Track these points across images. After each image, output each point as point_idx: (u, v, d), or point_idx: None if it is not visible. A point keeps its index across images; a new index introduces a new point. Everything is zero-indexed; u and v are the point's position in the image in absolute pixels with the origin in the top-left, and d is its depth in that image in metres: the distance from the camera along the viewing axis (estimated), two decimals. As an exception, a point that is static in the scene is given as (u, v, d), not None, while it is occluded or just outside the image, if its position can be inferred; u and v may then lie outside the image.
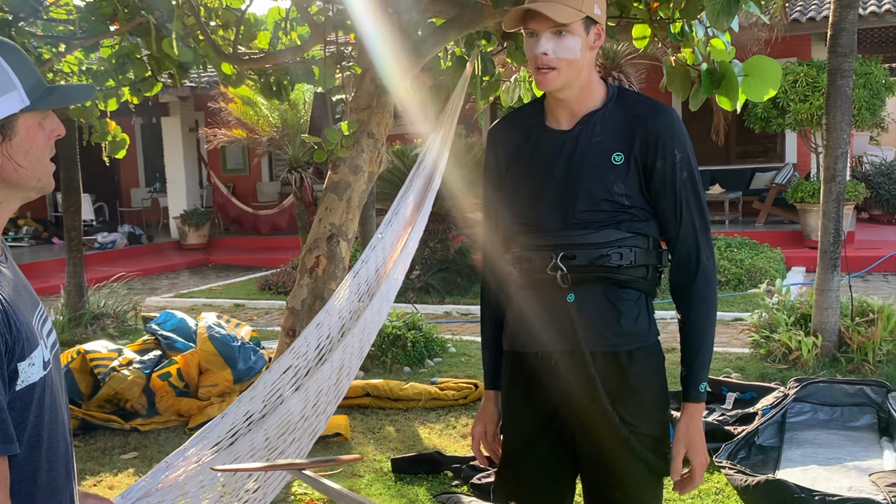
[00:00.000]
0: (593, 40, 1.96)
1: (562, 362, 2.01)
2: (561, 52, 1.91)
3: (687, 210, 1.99)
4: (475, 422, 2.23)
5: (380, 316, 3.05)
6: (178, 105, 15.53)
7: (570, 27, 1.90)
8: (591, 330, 1.97)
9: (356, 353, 2.85)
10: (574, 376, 1.99)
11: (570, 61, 1.92)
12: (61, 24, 5.02)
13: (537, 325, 2.02)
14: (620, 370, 1.99)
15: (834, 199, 5.82)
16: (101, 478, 4.49)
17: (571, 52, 1.91)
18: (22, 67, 1.37)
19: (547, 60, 1.91)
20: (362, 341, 2.91)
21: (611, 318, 1.98)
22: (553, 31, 1.90)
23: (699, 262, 2.00)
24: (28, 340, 1.33)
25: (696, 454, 2.01)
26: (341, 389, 2.89)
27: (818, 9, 11.61)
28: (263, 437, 2.47)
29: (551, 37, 1.91)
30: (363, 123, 3.83)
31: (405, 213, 3.25)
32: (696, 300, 2.01)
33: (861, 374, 5.43)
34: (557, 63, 1.92)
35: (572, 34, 1.91)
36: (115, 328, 8.08)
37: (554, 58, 1.91)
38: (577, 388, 1.99)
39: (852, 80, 5.83)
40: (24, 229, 15.88)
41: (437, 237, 10.06)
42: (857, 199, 11.18)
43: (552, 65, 1.92)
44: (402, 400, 5.43)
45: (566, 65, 1.92)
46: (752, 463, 4.19)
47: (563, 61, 1.92)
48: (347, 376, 2.87)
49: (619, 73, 11.05)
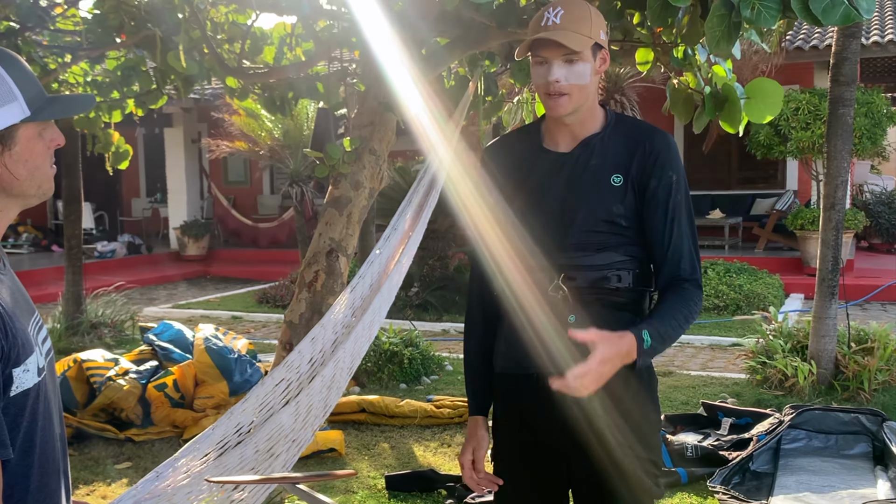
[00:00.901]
0: (599, 64, 2.00)
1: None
2: (573, 78, 1.94)
3: (678, 231, 1.99)
4: (463, 449, 2.18)
5: (371, 331, 3.05)
6: (181, 116, 15.59)
7: (581, 54, 1.93)
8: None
9: (346, 368, 2.85)
10: (570, 397, 1.99)
11: (581, 87, 1.96)
12: (68, 35, 5.06)
13: (535, 347, 2.03)
14: (615, 392, 1.99)
15: (833, 227, 5.84)
16: (94, 487, 4.48)
17: (582, 78, 1.95)
18: (23, 78, 1.38)
19: (559, 87, 1.94)
20: (353, 356, 2.91)
21: None
22: (564, 59, 1.94)
23: (685, 282, 1.99)
24: (24, 347, 1.34)
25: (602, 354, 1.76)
26: (329, 403, 2.89)
27: (821, 37, 11.68)
28: (253, 449, 2.47)
29: (563, 64, 1.94)
30: (365, 140, 3.85)
31: (403, 229, 3.26)
32: (673, 292, 1.96)
33: (857, 403, 5.43)
34: (569, 89, 1.95)
35: (583, 61, 1.94)
36: (113, 338, 8.07)
37: (566, 84, 1.94)
38: (573, 409, 1.99)
39: (853, 109, 5.86)
40: (23, 236, 15.89)
41: (435, 255, 10.07)
42: (856, 227, 11.21)
43: (564, 91, 1.95)
44: (397, 417, 5.43)
45: (577, 90, 1.96)
46: (746, 489, 4.18)
47: (575, 87, 1.95)
48: (337, 391, 2.87)
49: (621, 97, 11.10)
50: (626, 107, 11.12)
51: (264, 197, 16.85)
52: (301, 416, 2.61)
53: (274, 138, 11.17)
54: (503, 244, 2.10)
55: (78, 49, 4.80)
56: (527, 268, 2.04)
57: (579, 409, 1.99)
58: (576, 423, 2.00)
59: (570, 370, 1.76)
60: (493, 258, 2.13)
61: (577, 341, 1.85)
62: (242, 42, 4.45)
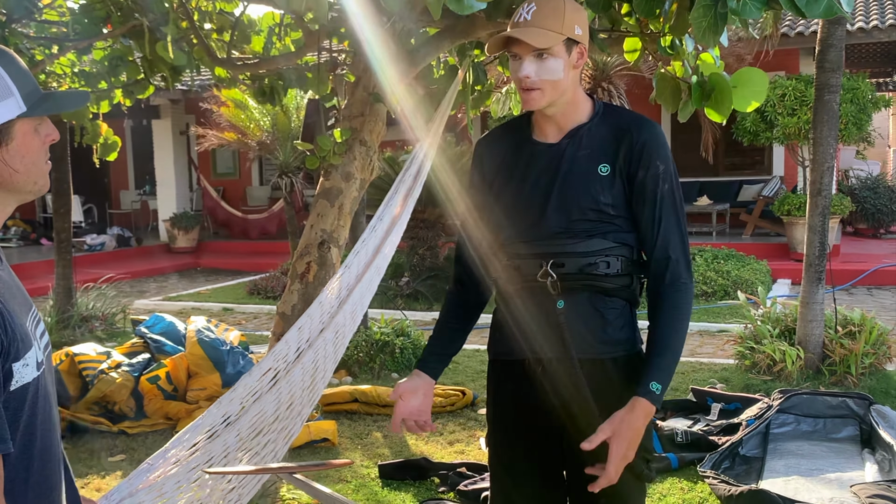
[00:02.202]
0: (576, 59, 2.02)
1: (549, 369, 2.05)
2: (543, 73, 1.97)
3: (666, 220, 2.02)
4: (396, 389, 2.17)
5: (353, 319, 3.07)
6: (169, 108, 15.53)
7: (551, 50, 1.95)
8: (578, 337, 2.02)
9: (330, 356, 2.87)
10: (561, 383, 2.03)
11: (553, 82, 1.98)
12: (54, 26, 5.03)
13: (525, 333, 2.06)
14: (606, 378, 2.03)
15: (820, 213, 5.88)
16: (88, 480, 4.49)
17: (554, 74, 1.97)
18: (18, 74, 1.40)
19: (530, 83, 1.97)
20: (336, 344, 2.93)
21: (597, 326, 2.03)
22: (535, 55, 1.96)
23: (676, 272, 2.02)
24: (23, 341, 1.35)
25: (618, 443, 1.90)
26: (316, 392, 2.91)
27: (807, 24, 11.72)
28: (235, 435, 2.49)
29: (533, 59, 1.96)
30: (356, 131, 3.86)
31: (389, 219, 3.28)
32: (666, 307, 2.00)
33: (844, 387, 5.48)
34: (541, 84, 1.98)
35: (554, 56, 1.96)
36: (104, 331, 8.07)
37: (537, 79, 1.97)
38: (565, 395, 2.03)
39: (839, 95, 5.89)
40: (12, 230, 15.82)
41: (426, 244, 10.08)
42: (842, 212, 11.29)
43: (535, 86, 1.98)
44: (389, 406, 5.45)
45: (549, 86, 1.98)
46: (736, 473, 4.23)
47: (547, 82, 1.97)
48: (322, 379, 2.89)
49: (608, 85, 11.11)
50: (614, 95, 11.12)
51: (254, 188, 16.83)
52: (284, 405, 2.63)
53: (263, 129, 11.14)
54: (489, 234, 2.13)
55: (65, 40, 4.78)
56: (516, 256, 2.07)
57: (570, 396, 2.02)
58: (567, 408, 2.03)
59: (600, 479, 1.91)
60: (484, 248, 2.15)
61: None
62: (231, 32, 4.44)
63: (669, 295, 2.01)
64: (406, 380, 2.19)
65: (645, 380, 1.94)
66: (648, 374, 1.94)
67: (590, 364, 2.03)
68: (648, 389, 1.92)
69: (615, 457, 1.89)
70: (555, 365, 2.04)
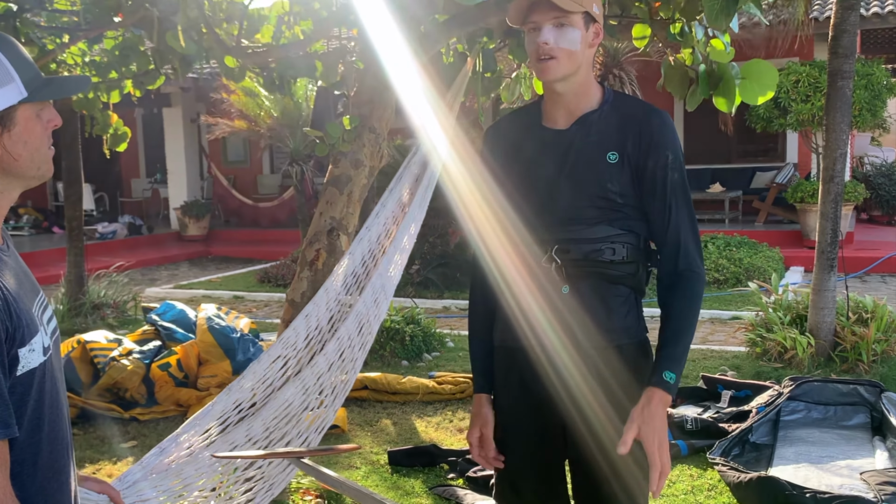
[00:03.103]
0: (592, 38, 2.02)
1: (553, 356, 2.05)
2: (562, 41, 1.97)
3: (676, 210, 2.02)
4: (470, 428, 2.22)
5: (379, 310, 3.07)
6: (179, 96, 15.53)
7: (570, 19, 1.96)
8: (582, 323, 2.02)
9: (357, 347, 2.88)
10: (565, 369, 2.03)
11: (569, 52, 1.98)
12: (65, 16, 5.04)
13: (530, 319, 2.07)
14: (610, 364, 2.03)
15: (832, 200, 5.85)
16: (100, 466, 4.53)
17: (572, 44, 1.98)
18: (19, 60, 1.41)
19: (548, 49, 1.97)
20: (362, 335, 2.94)
21: (602, 312, 2.03)
22: (555, 23, 1.97)
23: (687, 261, 2.02)
24: (28, 327, 1.36)
25: (649, 439, 1.88)
26: (348, 383, 2.92)
27: (821, 9, 11.62)
28: (262, 426, 2.51)
29: (553, 28, 1.97)
30: (365, 118, 3.86)
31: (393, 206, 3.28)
32: (678, 296, 2.00)
33: (855, 374, 5.47)
34: (558, 52, 1.98)
35: (573, 26, 1.97)
36: (115, 318, 8.11)
37: (555, 46, 1.97)
38: (569, 381, 2.03)
39: (853, 81, 5.85)
40: (24, 218, 15.90)
41: (436, 232, 10.08)
42: (857, 199, 11.21)
43: (553, 54, 1.98)
44: (399, 393, 5.47)
45: (566, 55, 1.98)
46: (746, 460, 4.22)
47: (564, 51, 1.98)
48: (353, 368, 2.90)
49: (619, 72, 11.06)
50: (625, 82, 11.08)
51: (264, 176, 16.84)
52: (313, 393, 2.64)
53: (273, 117, 11.15)
54: (499, 219, 2.12)
55: (76, 29, 4.79)
56: (522, 241, 2.08)
57: (575, 381, 2.03)
58: (571, 393, 2.04)
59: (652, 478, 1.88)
60: (491, 233, 2.15)
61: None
62: (240, 21, 4.44)
63: (681, 283, 2.01)
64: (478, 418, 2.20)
65: (658, 369, 1.93)
66: (661, 363, 1.94)
67: (594, 351, 2.03)
68: (662, 379, 1.92)
69: (653, 452, 1.87)
70: (559, 351, 2.04)
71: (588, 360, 2.02)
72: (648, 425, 1.88)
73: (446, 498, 3.99)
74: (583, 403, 2.02)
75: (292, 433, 2.66)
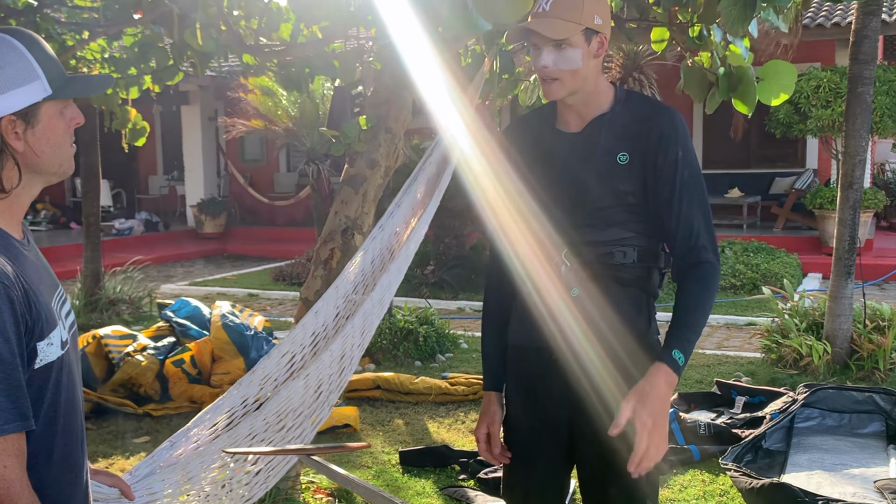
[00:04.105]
0: (596, 49, 2.01)
1: (562, 357, 2.05)
2: (562, 63, 1.97)
3: (688, 205, 2.00)
4: (478, 424, 2.23)
5: (381, 307, 3.08)
6: (198, 93, 15.60)
7: (569, 40, 1.95)
8: (593, 326, 2.01)
9: (357, 343, 2.88)
10: (574, 371, 2.03)
11: (571, 72, 1.98)
12: (85, 12, 5.07)
13: (539, 321, 2.07)
14: (620, 367, 2.02)
15: (850, 207, 5.81)
16: (113, 461, 4.55)
17: (573, 64, 1.97)
18: (44, 57, 1.42)
19: (549, 72, 1.98)
20: (364, 331, 2.94)
21: (612, 315, 2.03)
22: (553, 45, 1.96)
23: (701, 254, 1.99)
24: (47, 321, 1.38)
25: (643, 413, 1.81)
26: (344, 379, 2.92)
27: (843, 15, 11.53)
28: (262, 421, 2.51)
29: (552, 50, 1.96)
30: (381, 118, 3.86)
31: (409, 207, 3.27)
32: (691, 283, 1.97)
33: (871, 382, 5.42)
34: (559, 74, 1.98)
35: (572, 46, 1.96)
36: (130, 314, 8.16)
37: (555, 69, 1.97)
38: (577, 384, 2.03)
39: (873, 87, 5.81)
40: (42, 213, 16.00)
41: (452, 233, 10.08)
42: (877, 206, 11.11)
43: (554, 76, 1.98)
44: (412, 393, 5.47)
45: (569, 75, 1.98)
46: (758, 466, 4.20)
47: (565, 72, 1.97)
48: (350, 365, 2.90)
49: (639, 74, 11.03)
50: (645, 85, 11.05)
51: (281, 175, 16.88)
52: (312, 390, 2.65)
53: (290, 116, 11.18)
54: (513, 221, 2.13)
55: (95, 25, 4.82)
56: (536, 243, 2.08)
57: (586, 383, 2.03)
58: (582, 395, 2.04)
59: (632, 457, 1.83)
60: (504, 235, 2.15)
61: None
62: (259, 19, 4.45)
63: (695, 273, 1.99)
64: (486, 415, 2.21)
65: (668, 347, 1.90)
66: (671, 342, 1.90)
67: (604, 353, 2.02)
68: (671, 357, 1.87)
69: (642, 428, 1.81)
70: (569, 353, 2.04)
71: (598, 362, 2.02)
72: (644, 401, 1.82)
73: (457, 499, 3.99)
74: (592, 405, 2.02)
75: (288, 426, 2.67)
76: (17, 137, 1.39)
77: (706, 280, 1.98)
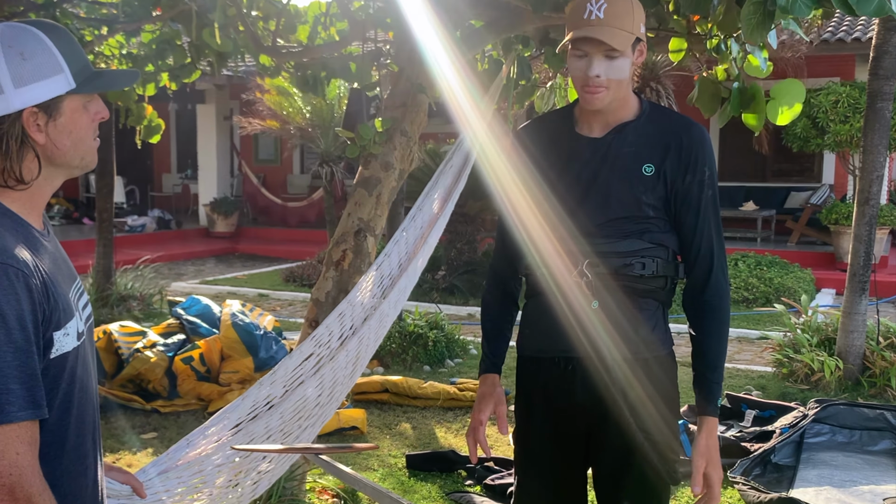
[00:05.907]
0: (636, 57, 1.99)
1: (579, 368, 2.02)
2: (612, 73, 1.94)
3: (707, 227, 2.01)
4: (481, 408, 2.11)
5: (396, 309, 3.08)
6: (213, 93, 15.65)
7: (622, 51, 1.92)
8: (611, 337, 1.99)
9: (371, 345, 2.88)
10: (591, 382, 2.01)
11: (619, 81, 1.95)
12: (104, 8, 5.10)
13: (556, 331, 2.03)
14: (637, 378, 2.01)
15: (866, 223, 5.78)
16: (120, 455, 4.55)
17: (622, 73, 1.95)
18: (70, 51, 1.42)
19: (599, 81, 1.94)
20: (378, 333, 2.94)
21: (631, 326, 2.01)
22: (606, 55, 1.92)
23: (717, 280, 2.01)
24: (64, 311, 1.38)
25: (714, 469, 1.98)
26: (354, 379, 2.93)
27: (864, 30, 11.48)
28: (279, 419, 2.51)
29: (603, 59, 1.92)
30: (397, 121, 3.85)
31: (430, 210, 3.27)
32: (711, 316, 2.02)
33: (883, 399, 5.38)
34: (608, 83, 1.95)
35: (623, 56, 1.93)
36: (141, 311, 8.18)
37: (605, 79, 1.94)
38: (594, 394, 2.01)
39: (892, 103, 5.78)
40: (55, 208, 16.07)
41: (464, 238, 10.06)
42: (892, 223, 11.02)
43: (603, 85, 1.94)
44: (420, 398, 5.46)
45: (615, 84, 1.95)
46: (767, 480, 4.17)
47: (614, 81, 1.95)
48: (360, 366, 2.91)
49: (657, 85, 11.00)
50: (662, 95, 11.01)
51: (294, 176, 16.91)
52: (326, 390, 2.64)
53: (305, 117, 11.19)
54: (537, 223, 2.09)
55: (114, 22, 4.84)
56: (554, 252, 2.05)
57: (600, 394, 2.00)
58: (596, 406, 2.01)
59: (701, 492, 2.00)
60: (526, 236, 2.11)
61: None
62: (277, 20, 4.46)
63: (712, 303, 2.01)
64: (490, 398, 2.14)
65: (709, 398, 2.00)
66: (709, 391, 2.00)
67: (622, 364, 2.01)
68: (716, 407, 2.01)
69: (715, 481, 1.98)
70: (586, 364, 2.02)
71: (614, 371, 2.00)
72: (712, 460, 1.97)
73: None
74: (608, 415, 2.00)
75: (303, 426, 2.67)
76: (38, 130, 1.39)
77: (722, 311, 2.03)
